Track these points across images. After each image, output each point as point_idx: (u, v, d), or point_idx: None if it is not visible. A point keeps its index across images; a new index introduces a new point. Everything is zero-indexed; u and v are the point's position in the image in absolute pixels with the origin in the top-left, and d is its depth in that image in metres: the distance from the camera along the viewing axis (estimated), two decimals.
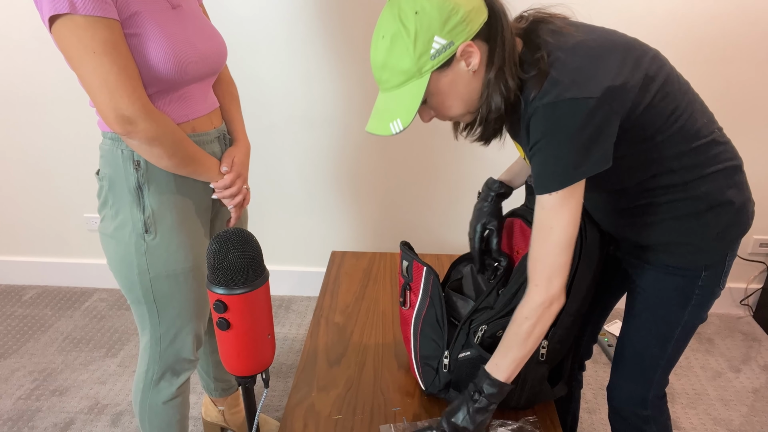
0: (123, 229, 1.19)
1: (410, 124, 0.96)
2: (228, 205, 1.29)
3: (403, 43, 0.88)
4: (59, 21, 0.99)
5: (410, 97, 0.92)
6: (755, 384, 2.03)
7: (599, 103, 0.87)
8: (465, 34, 0.89)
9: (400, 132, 0.92)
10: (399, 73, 0.91)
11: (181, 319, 1.28)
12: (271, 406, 1.93)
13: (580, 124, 0.87)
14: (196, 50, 1.15)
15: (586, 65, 0.90)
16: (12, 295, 2.54)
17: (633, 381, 1.22)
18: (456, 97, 0.95)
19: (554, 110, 0.88)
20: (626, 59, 0.93)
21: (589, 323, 1.36)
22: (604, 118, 0.89)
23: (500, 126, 1.00)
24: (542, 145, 0.91)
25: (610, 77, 0.89)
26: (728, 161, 1.03)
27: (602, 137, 0.90)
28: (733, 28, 1.95)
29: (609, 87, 0.88)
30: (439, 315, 1.19)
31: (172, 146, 1.12)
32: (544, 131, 0.90)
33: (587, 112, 0.87)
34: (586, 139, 0.88)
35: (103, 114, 1.04)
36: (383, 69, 0.93)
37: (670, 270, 1.09)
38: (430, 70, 0.90)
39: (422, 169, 2.27)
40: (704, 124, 1.01)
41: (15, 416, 1.87)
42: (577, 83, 0.88)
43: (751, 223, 1.09)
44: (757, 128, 2.11)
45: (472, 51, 0.90)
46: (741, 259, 2.32)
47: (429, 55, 0.89)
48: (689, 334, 1.15)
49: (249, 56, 2.10)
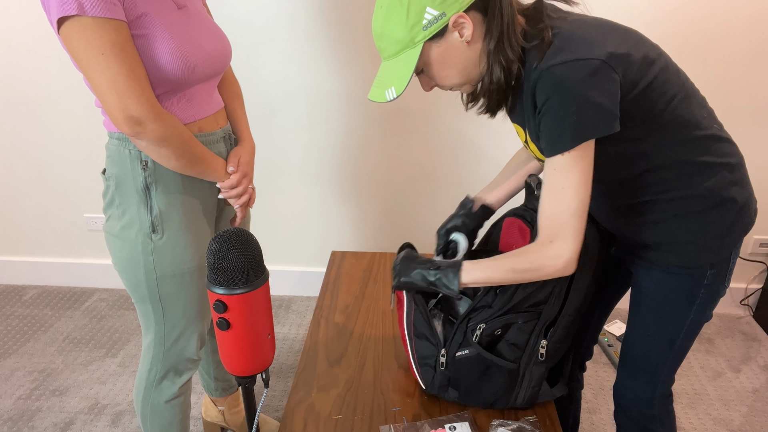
0: (130, 228, 1.19)
1: (403, 91, 1.00)
2: (234, 204, 1.29)
3: (397, 14, 0.92)
4: (68, 23, 0.99)
5: (404, 66, 0.95)
6: (755, 384, 2.03)
7: (603, 65, 0.89)
8: (457, 6, 0.91)
9: (394, 99, 0.96)
10: (394, 42, 0.95)
11: (186, 318, 1.29)
12: (271, 406, 1.93)
13: (584, 83, 0.88)
14: (203, 50, 1.16)
15: (590, 34, 0.92)
16: (12, 295, 2.54)
17: (639, 380, 1.22)
18: (451, 67, 0.97)
19: (559, 71, 0.89)
20: (627, 38, 0.95)
21: (589, 324, 1.36)
22: (609, 80, 0.90)
23: (503, 97, 1.02)
24: (549, 105, 0.92)
25: (614, 45, 0.91)
26: (729, 157, 1.03)
27: (608, 98, 0.90)
28: (733, 27, 1.95)
29: (612, 53, 0.90)
30: (425, 315, 1.19)
31: (180, 147, 1.12)
32: (549, 92, 0.91)
33: (591, 72, 0.88)
34: (592, 99, 0.89)
35: (112, 115, 1.04)
36: (381, 38, 0.96)
37: (675, 270, 1.09)
38: (422, 40, 0.93)
39: (422, 170, 2.27)
40: (703, 116, 1.01)
41: (15, 416, 1.87)
42: (580, 48, 0.90)
43: (754, 221, 1.09)
44: (757, 127, 2.11)
45: (464, 22, 0.92)
46: (741, 259, 2.32)
47: (421, 25, 0.92)
48: (695, 333, 1.16)
49: (251, 55, 2.10)
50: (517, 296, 1.12)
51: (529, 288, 1.11)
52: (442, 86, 1.02)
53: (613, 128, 0.92)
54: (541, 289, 1.12)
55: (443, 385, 1.21)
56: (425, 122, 2.18)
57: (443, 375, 1.20)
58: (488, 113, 1.05)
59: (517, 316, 1.13)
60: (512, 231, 1.23)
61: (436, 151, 2.23)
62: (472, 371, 1.17)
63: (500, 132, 2.18)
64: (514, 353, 1.16)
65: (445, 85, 1.01)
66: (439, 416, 1.20)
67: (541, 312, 1.14)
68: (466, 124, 2.17)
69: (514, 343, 1.15)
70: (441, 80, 1.00)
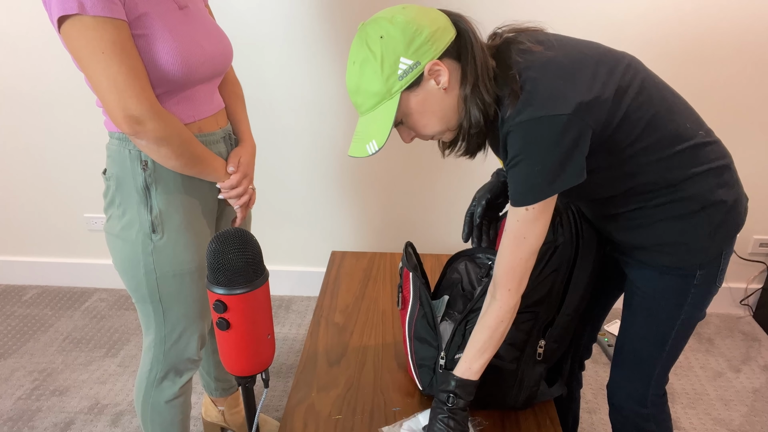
0: (130, 228, 1.19)
1: (384, 144, 0.98)
2: (234, 205, 1.29)
3: (371, 67, 0.92)
4: (68, 21, 0.99)
5: (383, 118, 0.94)
6: (755, 384, 2.03)
7: (572, 120, 0.89)
8: (431, 54, 0.91)
9: (375, 153, 0.96)
10: (371, 95, 0.94)
11: (186, 318, 1.29)
12: (271, 406, 1.93)
13: (553, 141, 0.90)
14: (203, 51, 1.16)
15: (557, 83, 0.92)
16: (12, 295, 2.54)
17: (632, 379, 1.22)
18: (431, 116, 0.97)
19: (528, 128, 0.91)
20: (597, 73, 0.94)
21: (588, 323, 1.37)
22: (578, 134, 0.91)
23: (482, 140, 1.03)
24: (517, 161, 0.93)
25: (582, 93, 0.91)
26: (715, 161, 1.03)
27: (576, 152, 0.91)
28: (724, 28, 1.95)
29: (581, 102, 0.90)
30: (430, 318, 1.20)
31: (180, 146, 1.12)
32: (520, 149, 0.92)
33: (560, 129, 0.89)
34: (560, 155, 0.90)
35: (112, 114, 1.05)
36: (357, 93, 0.96)
37: (666, 269, 1.10)
38: (399, 90, 0.93)
39: (423, 170, 2.27)
40: (687, 128, 1.01)
41: (15, 416, 1.88)
42: (549, 101, 0.90)
43: (744, 219, 1.09)
44: (756, 128, 2.11)
45: (439, 69, 0.92)
46: (741, 259, 2.32)
47: (397, 75, 0.91)
48: (688, 333, 1.16)
49: (252, 56, 2.10)
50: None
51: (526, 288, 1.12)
52: (422, 136, 1.01)
53: (579, 180, 0.93)
54: (538, 289, 1.13)
55: None
56: None
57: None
58: (467, 155, 1.06)
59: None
60: None
61: (436, 151, 2.23)
62: None
63: None
64: (512, 353, 1.16)
65: (425, 135, 1.00)
66: None
67: (539, 312, 1.14)
68: None
69: (512, 344, 1.15)
70: (421, 129, 0.99)
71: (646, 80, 0.99)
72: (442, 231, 2.39)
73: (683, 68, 2.02)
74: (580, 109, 0.90)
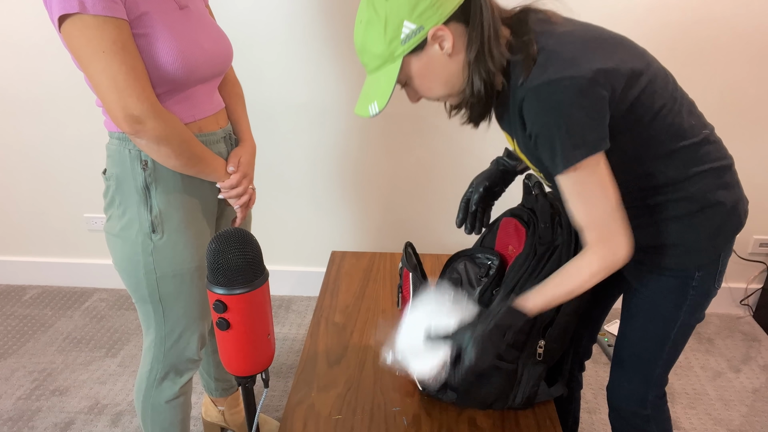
0: (130, 228, 1.19)
1: (386, 106, 0.99)
2: (234, 205, 1.29)
3: (375, 29, 0.91)
4: (69, 21, 0.99)
5: (385, 81, 0.94)
6: (755, 384, 2.03)
7: (591, 83, 0.87)
8: (435, 18, 0.89)
9: (377, 114, 0.95)
10: (374, 57, 0.94)
11: (186, 318, 1.29)
12: (271, 406, 1.93)
13: (574, 103, 0.87)
14: (204, 51, 1.16)
15: (576, 50, 0.90)
16: (12, 295, 2.54)
17: (631, 381, 1.22)
18: (434, 80, 0.96)
19: (546, 92, 0.88)
20: (616, 50, 0.94)
21: (588, 324, 1.36)
22: (597, 97, 0.88)
23: (485, 110, 1.01)
24: (538, 129, 0.91)
25: (601, 61, 0.89)
26: (717, 161, 1.03)
27: (597, 116, 0.89)
28: (725, 27, 1.95)
29: (599, 69, 0.88)
30: None
31: (180, 146, 1.12)
32: (538, 113, 0.90)
33: (578, 91, 0.87)
34: (581, 118, 0.88)
35: (112, 113, 1.05)
36: (362, 52, 0.96)
37: (665, 271, 1.09)
38: (401, 54, 0.92)
39: (423, 170, 2.27)
40: (692, 125, 1.01)
41: (15, 416, 1.88)
42: (567, 64, 0.88)
43: (744, 222, 1.08)
44: (757, 127, 2.11)
45: (443, 35, 0.91)
46: (741, 259, 2.32)
47: (399, 39, 0.91)
48: (687, 334, 1.15)
49: (251, 55, 2.10)
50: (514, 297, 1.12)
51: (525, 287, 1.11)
52: (427, 98, 1.01)
53: (602, 147, 0.91)
54: None
55: (441, 387, 1.21)
56: (426, 123, 2.18)
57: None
58: (471, 123, 1.04)
59: None
60: (509, 231, 1.23)
61: (436, 151, 2.23)
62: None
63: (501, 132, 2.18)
64: (512, 353, 1.16)
65: (430, 97, 1.00)
66: (439, 416, 1.20)
67: None
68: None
69: (512, 344, 1.15)
70: (425, 93, 0.99)
71: (658, 74, 0.98)
72: (442, 231, 2.39)
73: (683, 68, 2.02)
74: (600, 74, 0.88)
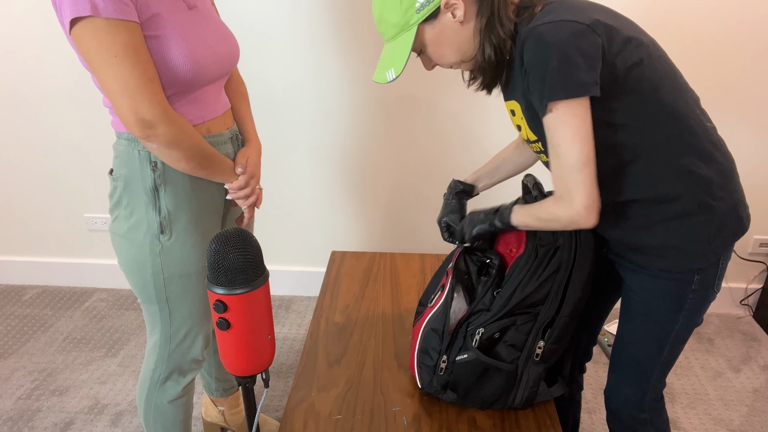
0: (137, 229, 1.18)
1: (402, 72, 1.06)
2: (242, 205, 1.29)
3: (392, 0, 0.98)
4: (80, 24, 0.98)
5: (401, 49, 1.01)
6: (755, 384, 2.03)
7: (588, 29, 0.91)
8: None
9: (393, 80, 1.01)
10: (391, 26, 1.01)
11: (192, 319, 1.29)
12: (271, 406, 1.93)
13: (570, 42, 0.90)
14: (213, 51, 1.15)
15: (580, 7, 0.95)
16: (12, 295, 2.54)
17: (629, 384, 1.21)
18: (447, 47, 1.02)
19: (544, 29, 0.92)
20: (620, 19, 0.99)
21: (587, 325, 1.36)
22: (591, 43, 0.91)
23: (497, 74, 1.05)
24: (532, 62, 0.94)
25: (602, 17, 0.94)
26: (718, 160, 1.02)
27: (589, 59, 0.91)
28: (725, 26, 1.95)
29: (599, 20, 0.93)
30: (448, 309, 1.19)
31: (191, 149, 1.12)
32: (534, 50, 0.93)
33: (575, 33, 0.90)
34: (572, 57, 0.90)
35: (124, 118, 1.04)
36: (380, 22, 1.02)
37: (663, 274, 1.08)
38: (416, 22, 0.99)
39: (423, 170, 2.27)
40: (696, 113, 1.01)
41: (15, 416, 1.88)
42: (568, 12, 0.93)
43: (747, 226, 1.07)
44: (757, 127, 2.11)
45: (455, 3, 0.96)
46: (741, 259, 2.32)
47: (414, 8, 0.97)
48: (685, 338, 1.15)
49: (255, 55, 2.10)
50: (515, 298, 1.12)
51: (527, 289, 1.11)
52: (441, 65, 1.06)
53: (589, 91, 0.92)
54: (538, 290, 1.13)
55: (441, 387, 1.21)
56: (426, 123, 2.18)
57: (441, 378, 1.20)
58: (484, 89, 1.08)
59: (514, 318, 1.13)
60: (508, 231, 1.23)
61: (436, 151, 2.23)
62: (471, 374, 1.17)
63: (501, 132, 2.18)
64: (512, 354, 1.16)
65: (444, 64, 1.06)
66: (439, 416, 1.21)
67: (538, 313, 1.14)
68: (468, 124, 2.17)
69: (512, 344, 1.15)
70: (439, 59, 1.05)
71: (663, 56, 1.01)
72: None
73: (683, 68, 2.02)
74: (599, 25, 0.92)
